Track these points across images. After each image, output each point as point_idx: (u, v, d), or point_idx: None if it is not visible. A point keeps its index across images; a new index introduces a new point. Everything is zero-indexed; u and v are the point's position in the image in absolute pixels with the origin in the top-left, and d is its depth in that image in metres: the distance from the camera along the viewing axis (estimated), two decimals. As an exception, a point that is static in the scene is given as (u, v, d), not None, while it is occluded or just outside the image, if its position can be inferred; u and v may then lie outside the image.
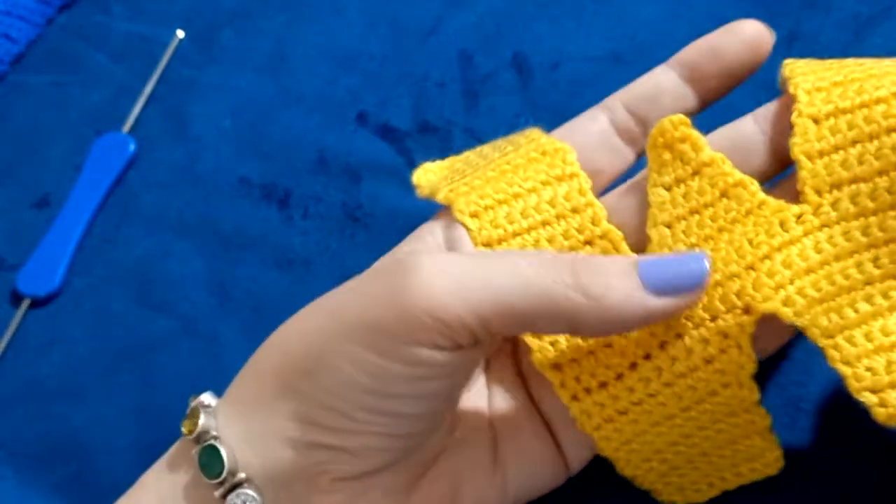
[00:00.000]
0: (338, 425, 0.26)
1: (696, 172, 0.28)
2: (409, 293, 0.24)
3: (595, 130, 0.30)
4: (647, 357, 0.28)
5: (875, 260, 0.27)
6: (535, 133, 0.32)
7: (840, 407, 0.33)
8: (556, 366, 0.29)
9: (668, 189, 0.28)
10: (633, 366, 0.28)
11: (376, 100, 0.44)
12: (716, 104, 0.32)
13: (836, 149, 0.27)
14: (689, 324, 0.27)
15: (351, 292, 0.27)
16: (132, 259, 0.42)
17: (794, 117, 0.27)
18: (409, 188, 0.41)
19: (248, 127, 0.45)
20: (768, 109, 0.29)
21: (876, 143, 0.27)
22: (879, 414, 0.25)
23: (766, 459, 0.29)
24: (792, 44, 0.41)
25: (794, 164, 0.28)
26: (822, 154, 0.27)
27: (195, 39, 0.48)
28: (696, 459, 0.30)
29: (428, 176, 0.33)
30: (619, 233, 0.29)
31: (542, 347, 0.29)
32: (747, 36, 0.29)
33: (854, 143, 0.27)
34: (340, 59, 0.46)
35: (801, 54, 0.40)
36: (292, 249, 0.41)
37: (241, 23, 0.48)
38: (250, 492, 0.26)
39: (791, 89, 0.28)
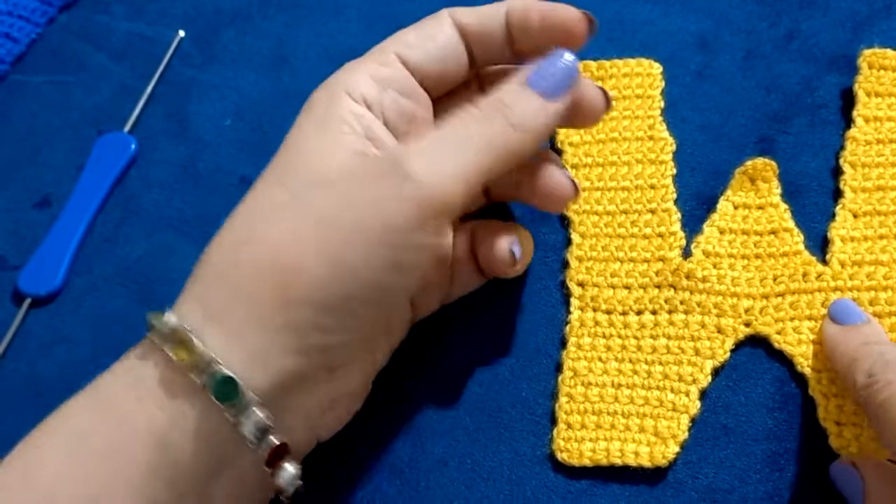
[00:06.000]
0: (344, 324, 0.29)
1: (761, 207, 0.36)
2: (418, 193, 0.29)
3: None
4: (654, 313, 0.35)
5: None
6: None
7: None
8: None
9: (735, 207, 0.36)
10: (640, 313, 0.36)
11: (377, 99, 0.44)
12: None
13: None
14: (698, 308, 0.35)
15: (350, 204, 0.29)
16: (133, 258, 0.42)
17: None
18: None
19: (248, 127, 0.45)
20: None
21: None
22: None
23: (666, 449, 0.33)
24: (791, 42, 0.41)
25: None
26: (848, 241, 0.35)
27: (196, 39, 0.48)
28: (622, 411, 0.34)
29: None
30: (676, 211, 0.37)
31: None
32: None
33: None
34: (341, 59, 0.46)
35: (800, 53, 0.41)
36: (293, 248, 0.41)
37: (242, 23, 0.48)
38: (259, 413, 0.28)
39: None
